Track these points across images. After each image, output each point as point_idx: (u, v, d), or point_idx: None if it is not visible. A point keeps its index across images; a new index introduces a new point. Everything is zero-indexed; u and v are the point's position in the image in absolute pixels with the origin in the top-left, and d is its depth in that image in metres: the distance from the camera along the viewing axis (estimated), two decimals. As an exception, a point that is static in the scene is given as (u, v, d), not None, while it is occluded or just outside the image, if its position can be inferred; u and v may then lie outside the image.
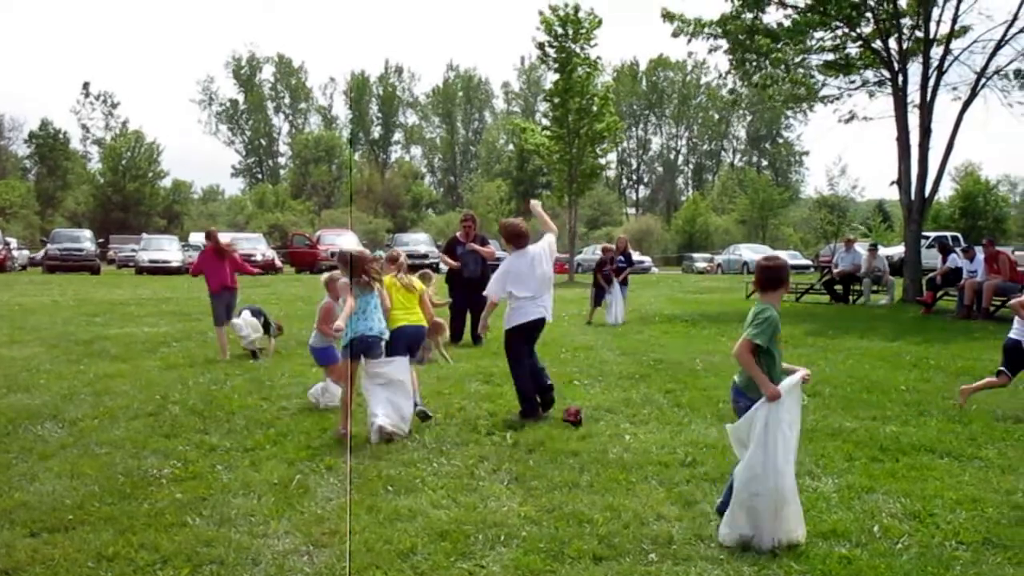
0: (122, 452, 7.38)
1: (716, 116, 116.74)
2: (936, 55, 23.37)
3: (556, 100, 39.29)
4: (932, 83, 23.33)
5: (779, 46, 24.62)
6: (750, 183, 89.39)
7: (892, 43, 23.86)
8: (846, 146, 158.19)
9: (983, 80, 23.17)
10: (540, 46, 39.00)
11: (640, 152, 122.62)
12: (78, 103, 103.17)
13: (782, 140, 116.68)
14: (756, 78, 26.42)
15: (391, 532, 5.47)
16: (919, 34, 23.65)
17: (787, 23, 23.96)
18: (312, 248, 45.31)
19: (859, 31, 24.42)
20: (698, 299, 26.21)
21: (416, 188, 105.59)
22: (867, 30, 24.38)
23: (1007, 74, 23.72)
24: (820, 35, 25.08)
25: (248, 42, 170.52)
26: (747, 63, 25.85)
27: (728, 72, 27.78)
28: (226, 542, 5.31)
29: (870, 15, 23.95)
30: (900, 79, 23.83)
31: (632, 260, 20.64)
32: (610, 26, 61.99)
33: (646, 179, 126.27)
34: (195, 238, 54.62)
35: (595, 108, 38.44)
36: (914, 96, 23.80)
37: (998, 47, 22.71)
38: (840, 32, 24.75)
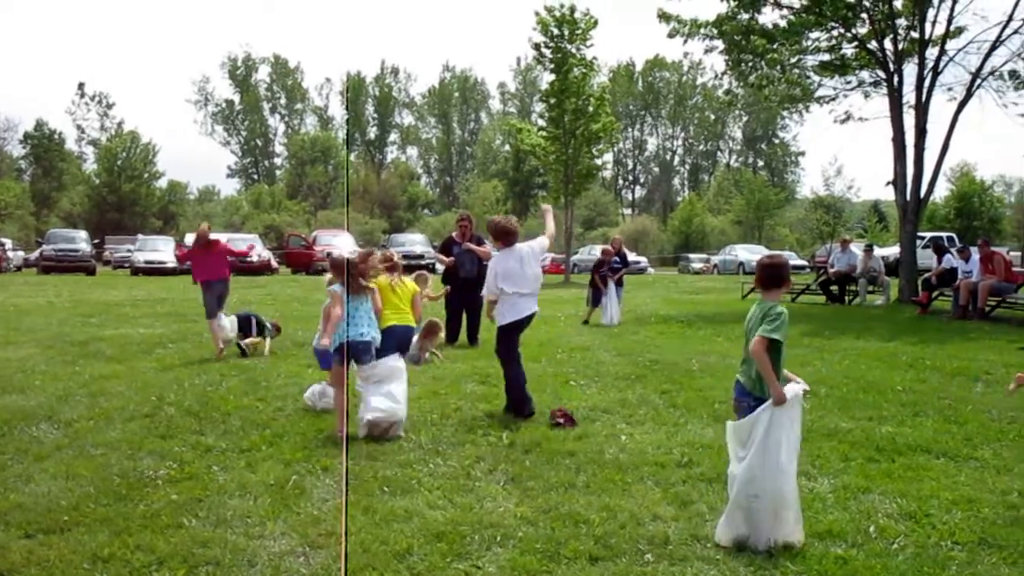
0: (118, 453, 7.36)
1: (712, 116, 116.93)
2: (931, 56, 23.39)
3: (552, 101, 39.29)
4: (927, 84, 23.35)
5: (775, 47, 24.63)
6: (746, 184, 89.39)
7: (887, 44, 23.89)
8: (842, 147, 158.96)
9: (978, 81, 23.20)
10: (536, 47, 39.00)
11: (636, 152, 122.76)
12: (73, 104, 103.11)
13: (778, 141, 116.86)
14: (752, 78, 26.44)
15: (387, 533, 5.47)
16: (914, 35, 23.66)
17: (783, 24, 23.95)
18: (308, 249, 45.29)
19: (854, 32, 24.44)
20: (694, 300, 26.21)
21: (412, 189, 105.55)
22: (863, 31, 24.41)
23: (1002, 75, 23.75)
24: (816, 36, 25.12)
25: (244, 42, 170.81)
26: (743, 63, 25.85)
27: (724, 73, 27.83)
28: (222, 543, 5.30)
29: (865, 16, 23.96)
30: (895, 80, 23.86)
31: (627, 261, 20.64)
32: (606, 27, 62.05)
33: (642, 180, 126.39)
34: (191, 239, 54.54)
35: (591, 109, 38.44)
36: (909, 97, 23.85)
37: (993, 48, 22.76)
38: (836, 33, 24.76)
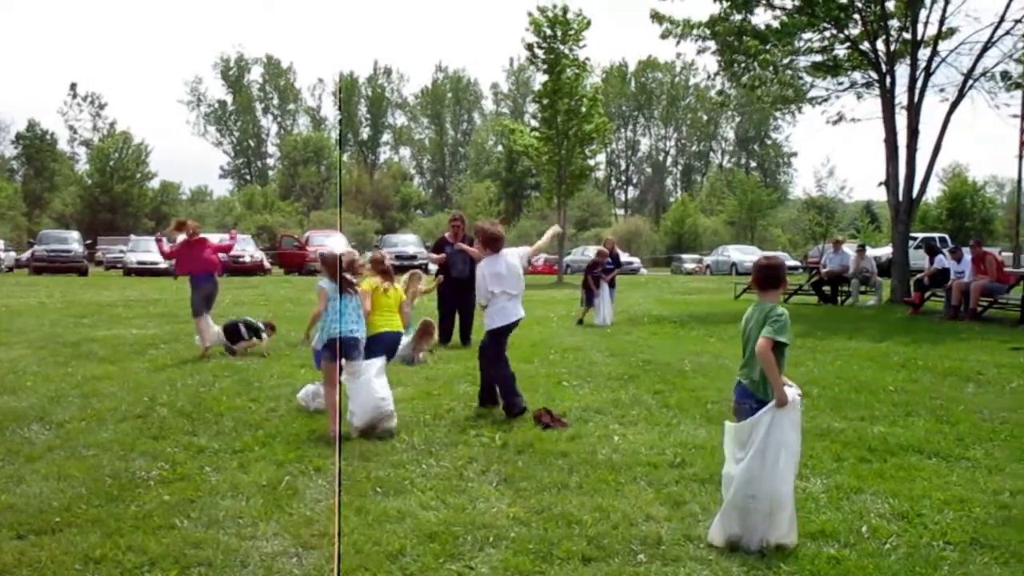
0: (110, 454, 7.35)
1: (705, 117, 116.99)
2: (923, 57, 23.46)
3: (545, 101, 39.29)
4: (919, 85, 23.40)
5: (767, 47, 24.68)
6: (739, 184, 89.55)
7: (880, 45, 23.93)
8: (834, 147, 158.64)
9: (970, 82, 23.27)
10: (529, 47, 38.99)
11: (629, 153, 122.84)
12: (65, 104, 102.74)
13: (770, 141, 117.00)
14: (745, 79, 26.48)
15: (380, 534, 5.47)
16: (906, 36, 23.72)
17: (775, 24, 24.01)
18: (301, 249, 45.27)
19: (847, 33, 24.48)
20: (687, 300, 26.21)
21: (405, 189, 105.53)
22: (855, 32, 24.45)
23: (994, 75, 23.83)
24: (808, 37, 25.19)
25: (236, 43, 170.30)
26: (735, 64, 25.89)
27: (717, 73, 27.87)
28: (214, 544, 5.29)
29: (858, 17, 24.02)
30: (888, 81, 23.90)
31: (620, 261, 20.66)
32: (599, 27, 62.09)
33: (635, 180, 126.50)
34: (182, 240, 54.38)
35: (584, 109, 38.45)
36: (902, 98, 23.90)
37: (985, 49, 22.81)
38: (828, 34, 24.82)
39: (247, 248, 43.58)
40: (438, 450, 7.52)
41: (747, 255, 49.06)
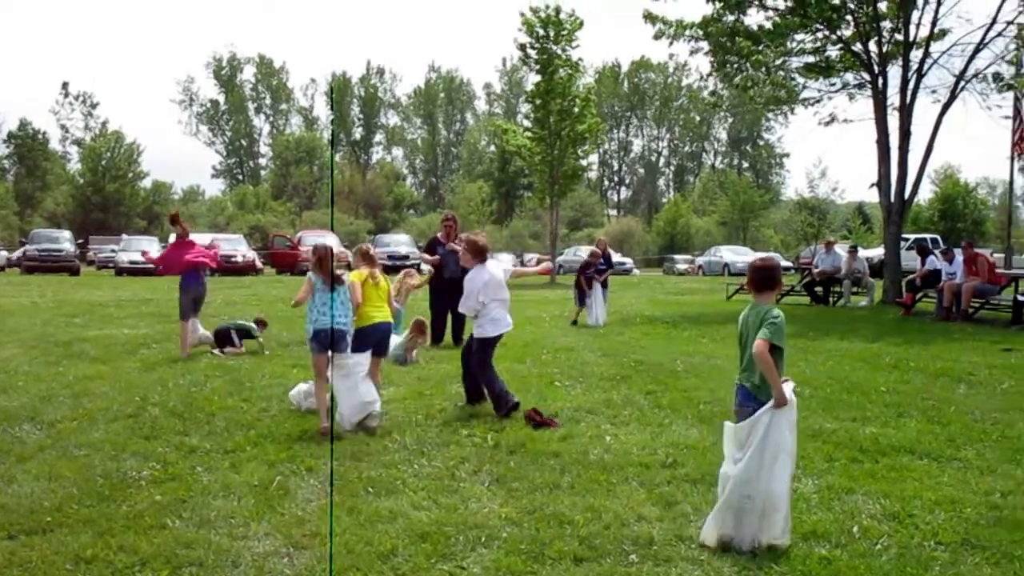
0: (101, 454, 7.34)
1: (697, 118, 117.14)
2: (916, 58, 23.50)
3: (538, 101, 39.28)
4: (911, 86, 23.45)
5: (760, 48, 24.68)
6: (731, 185, 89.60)
7: (872, 46, 23.98)
8: (826, 148, 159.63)
9: (962, 83, 23.31)
10: (522, 47, 39.00)
11: (621, 154, 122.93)
12: (57, 103, 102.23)
13: (763, 142, 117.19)
14: (737, 80, 26.48)
15: (372, 534, 5.46)
16: (899, 37, 23.76)
17: (768, 25, 24.03)
18: (293, 249, 45.22)
19: (839, 34, 24.53)
20: (679, 301, 26.24)
21: (397, 189, 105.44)
22: (847, 33, 24.50)
23: (986, 77, 23.89)
24: (801, 38, 25.20)
25: (229, 42, 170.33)
26: (728, 65, 25.89)
27: (709, 74, 27.83)
28: (206, 544, 5.29)
29: (850, 18, 24.05)
30: (880, 82, 23.94)
31: (612, 262, 20.66)
32: (592, 28, 62.12)
33: (627, 181, 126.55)
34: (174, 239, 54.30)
35: (576, 109, 38.49)
36: (894, 99, 23.93)
37: (977, 50, 22.87)
38: (820, 35, 24.85)
39: (239, 248, 43.59)
40: (430, 450, 7.51)
41: (739, 256, 49.13)
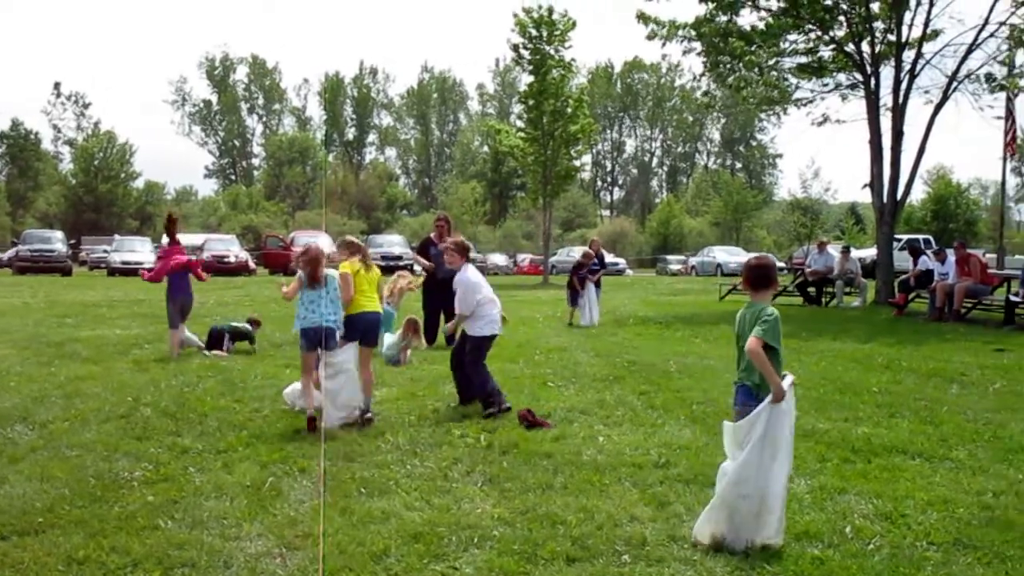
0: (93, 455, 7.31)
1: (690, 118, 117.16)
2: (908, 59, 23.56)
3: (531, 102, 39.32)
4: (904, 86, 23.49)
5: (753, 49, 24.71)
6: (724, 185, 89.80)
7: (864, 46, 24.01)
8: (819, 149, 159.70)
9: (954, 84, 23.37)
10: (515, 48, 39.03)
11: (614, 154, 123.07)
12: (49, 103, 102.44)
13: (756, 143, 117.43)
14: (730, 80, 26.52)
15: (364, 534, 5.45)
16: (891, 38, 23.80)
17: (761, 26, 24.06)
18: (286, 250, 45.16)
19: (832, 34, 24.55)
20: (672, 301, 26.25)
21: (390, 190, 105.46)
22: (840, 33, 24.53)
23: (978, 78, 23.94)
24: (793, 38, 25.25)
25: (221, 42, 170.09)
26: (721, 65, 25.91)
27: (702, 74, 27.86)
28: (198, 545, 5.27)
29: (843, 19, 24.09)
30: (872, 82, 23.99)
31: (605, 262, 20.67)
32: (584, 28, 62.14)
33: (620, 181, 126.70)
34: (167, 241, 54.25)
35: (569, 110, 38.51)
36: (886, 99, 24.00)
37: (969, 51, 22.91)
38: (813, 35, 24.88)
39: (231, 248, 43.59)
40: (423, 450, 7.51)
41: (732, 256, 49.28)
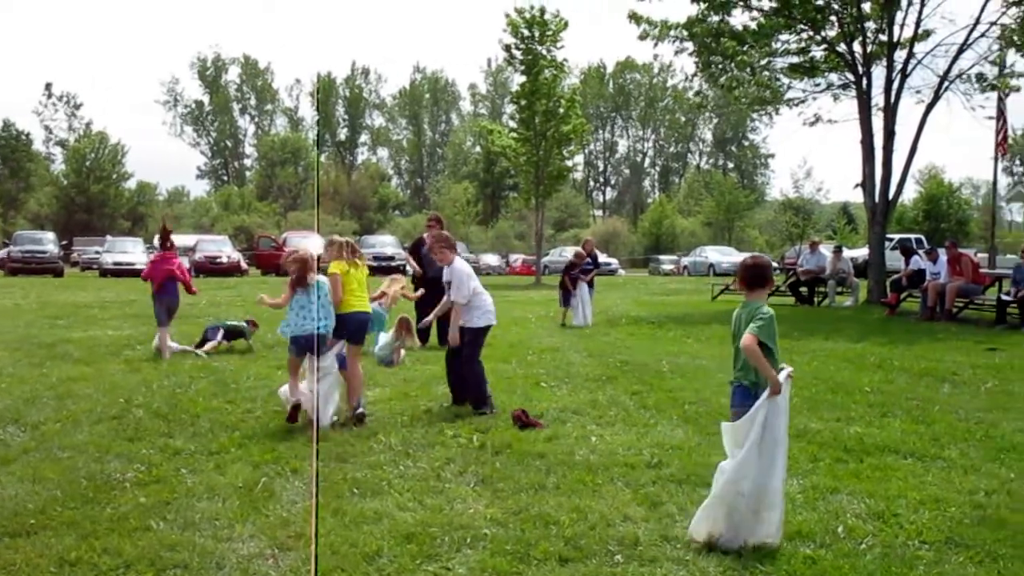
0: (85, 456, 7.29)
1: (682, 118, 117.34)
2: (900, 59, 23.65)
3: (523, 102, 39.36)
4: (896, 86, 23.57)
5: (745, 49, 24.77)
6: (716, 185, 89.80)
7: (856, 46, 24.08)
8: (811, 149, 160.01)
9: (946, 83, 23.46)
10: (507, 48, 39.08)
11: (607, 154, 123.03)
12: (40, 104, 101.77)
13: (748, 143, 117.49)
14: (722, 80, 26.57)
15: (357, 535, 5.44)
16: (883, 38, 23.88)
17: (753, 26, 24.10)
18: (278, 250, 45.06)
19: (824, 35, 24.62)
20: (664, 301, 26.28)
21: (383, 190, 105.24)
22: (831, 34, 24.60)
23: (969, 77, 24.04)
24: (785, 38, 25.32)
25: (213, 43, 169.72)
26: (713, 66, 25.98)
27: (694, 74, 27.90)
28: (190, 546, 5.26)
29: (834, 19, 24.15)
30: (864, 82, 24.05)
31: (598, 262, 20.68)
32: (576, 28, 62.14)
33: (613, 181, 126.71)
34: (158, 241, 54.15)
35: (562, 110, 38.56)
36: (878, 99, 24.08)
37: (960, 51, 23.01)
38: (805, 35, 24.95)
39: (224, 249, 43.56)
40: (415, 451, 7.50)
41: (725, 256, 49.37)
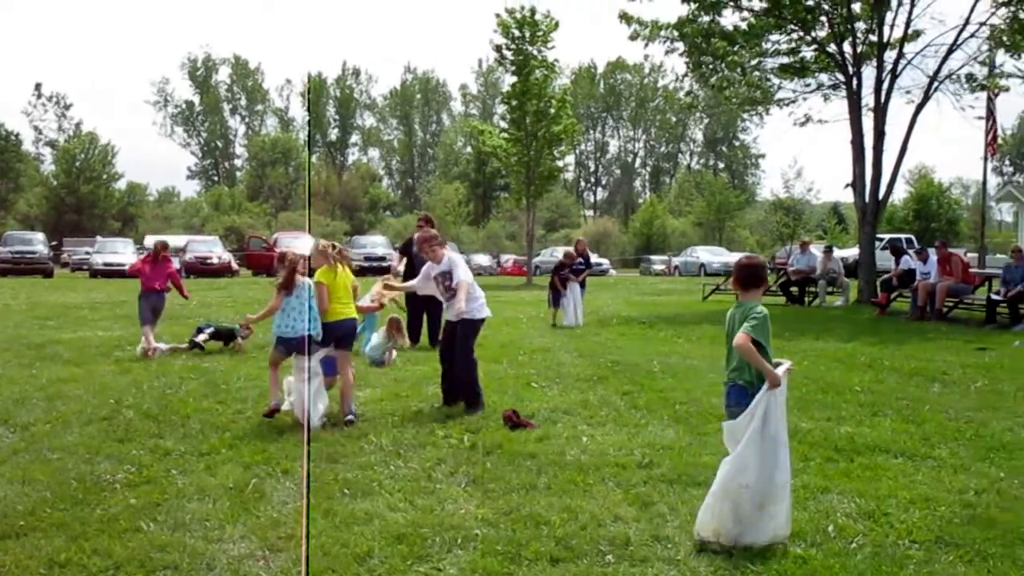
0: (75, 457, 7.27)
1: (673, 119, 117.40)
2: (890, 59, 23.67)
3: (514, 102, 39.33)
4: (886, 86, 23.62)
5: (735, 49, 24.79)
6: (707, 185, 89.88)
7: (846, 47, 24.13)
8: (801, 149, 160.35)
9: (935, 84, 23.51)
10: (498, 48, 39.03)
11: (598, 154, 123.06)
12: (30, 104, 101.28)
13: (738, 143, 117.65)
14: (713, 81, 26.60)
15: (347, 536, 5.44)
16: (873, 38, 23.93)
17: (743, 26, 24.13)
18: (269, 251, 45.02)
19: (814, 35, 24.66)
20: (655, 301, 26.31)
21: (374, 190, 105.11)
22: (822, 34, 24.64)
23: (959, 78, 24.11)
24: (775, 38, 25.34)
25: (203, 43, 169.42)
26: (704, 66, 25.98)
27: (685, 75, 28.06)
28: (180, 547, 5.25)
29: (825, 19, 24.19)
30: (854, 82, 24.09)
31: (590, 262, 20.70)
32: (567, 29, 62.17)
33: (604, 181, 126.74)
34: (150, 241, 54.03)
35: (552, 110, 38.55)
36: (868, 99, 24.10)
37: (950, 51, 23.08)
38: (795, 36, 24.97)
39: (214, 249, 43.51)
40: (406, 451, 7.49)
41: (716, 256, 49.44)
